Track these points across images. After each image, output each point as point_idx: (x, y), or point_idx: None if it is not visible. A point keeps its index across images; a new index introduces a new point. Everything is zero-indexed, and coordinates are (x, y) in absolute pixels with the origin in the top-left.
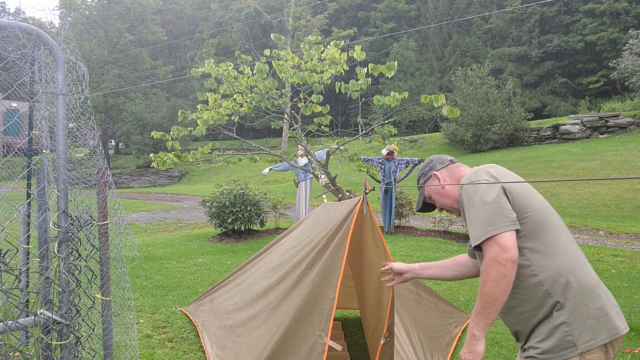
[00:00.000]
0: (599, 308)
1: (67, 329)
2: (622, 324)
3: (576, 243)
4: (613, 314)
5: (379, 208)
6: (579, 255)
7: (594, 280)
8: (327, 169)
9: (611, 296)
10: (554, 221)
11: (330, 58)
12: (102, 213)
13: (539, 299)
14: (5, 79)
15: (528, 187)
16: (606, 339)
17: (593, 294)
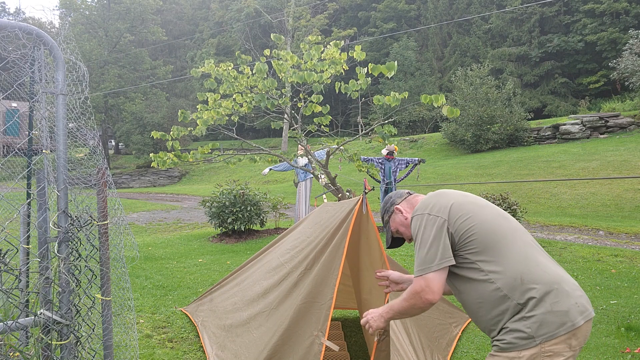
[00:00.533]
0: (556, 302)
1: (67, 329)
2: (581, 316)
3: (535, 244)
4: (571, 306)
5: (379, 208)
6: (535, 254)
7: (551, 275)
8: (327, 169)
9: (574, 287)
10: (504, 230)
11: (330, 58)
12: (102, 213)
13: (501, 304)
14: (5, 79)
15: (476, 204)
16: (562, 331)
17: (549, 290)
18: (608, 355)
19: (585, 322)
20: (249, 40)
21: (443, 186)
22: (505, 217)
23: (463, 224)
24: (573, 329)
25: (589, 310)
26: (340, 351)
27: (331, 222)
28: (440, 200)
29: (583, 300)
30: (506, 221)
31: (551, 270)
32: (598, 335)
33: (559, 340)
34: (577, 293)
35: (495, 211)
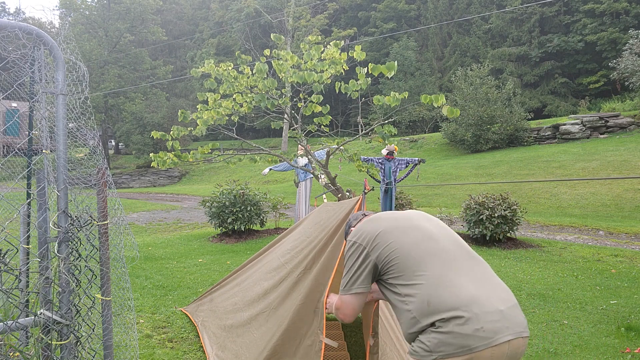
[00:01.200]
0: (459, 326)
1: (67, 329)
2: (484, 342)
3: (463, 262)
4: (474, 331)
5: (379, 208)
6: (453, 276)
7: (461, 299)
8: (327, 169)
9: (489, 309)
10: (423, 254)
11: (330, 58)
12: (102, 213)
13: (412, 326)
14: (5, 79)
15: (399, 229)
16: (459, 353)
17: (454, 315)
18: (608, 355)
19: (487, 348)
20: (249, 40)
21: (443, 186)
22: (434, 239)
23: (384, 250)
24: (470, 354)
25: (498, 334)
26: (341, 351)
27: (331, 222)
28: (369, 227)
29: (494, 326)
30: (432, 243)
31: (464, 292)
32: (598, 335)
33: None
34: (488, 318)
35: (423, 234)
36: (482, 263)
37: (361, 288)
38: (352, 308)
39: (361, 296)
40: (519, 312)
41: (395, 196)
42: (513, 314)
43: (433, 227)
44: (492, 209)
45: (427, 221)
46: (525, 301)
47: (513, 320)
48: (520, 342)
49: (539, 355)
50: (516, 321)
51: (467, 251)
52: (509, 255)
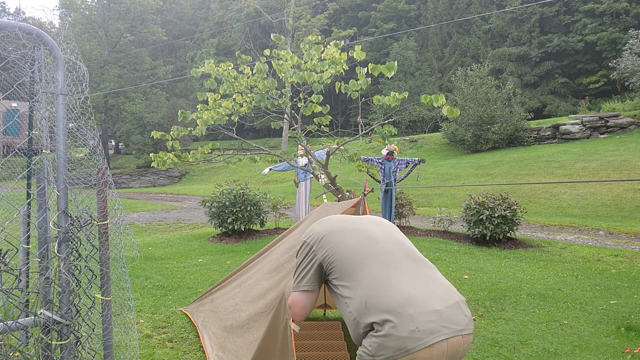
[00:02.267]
0: (394, 327)
1: (67, 329)
2: (419, 342)
3: (397, 264)
4: (410, 332)
5: (379, 208)
6: (391, 276)
7: (397, 300)
8: (327, 169)
9: (425, 309)
10: (362, 255)
11: (330, 58)
12: (102, 213)
13: (356, 327)
14: (5, 79)
15: (344, 231)
16: (398, 355)
17: (389, 317)
18: (608, 355)
19: (422, 348)
20: (249, 40)
21: (443, 186)
22: (375, 240)
23: (328, 251)
24: (406, 355)
25: (434, 334)
26: (341, 351)
27: None
28: (319, 227)
29: (429, 326)
30: (373, 244)
31: (400, 293)
32: (598, 335)
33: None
34: (423, 318)
35: (366, 236)
36: (426, 264)
37: (308, 286)
38: (302, 306)
39: (309, 294)
40: (458, 311)
41: (395, 196)
42: (452, 313)
43: (378, 230)
44: (492, 209)
45: (375, 225)
46: (525, 301)
47: (452, 319)
48: (460, 340)
49: (539, 355)
50: (455, 320)
51: (411, 253)
52: (509, 255)
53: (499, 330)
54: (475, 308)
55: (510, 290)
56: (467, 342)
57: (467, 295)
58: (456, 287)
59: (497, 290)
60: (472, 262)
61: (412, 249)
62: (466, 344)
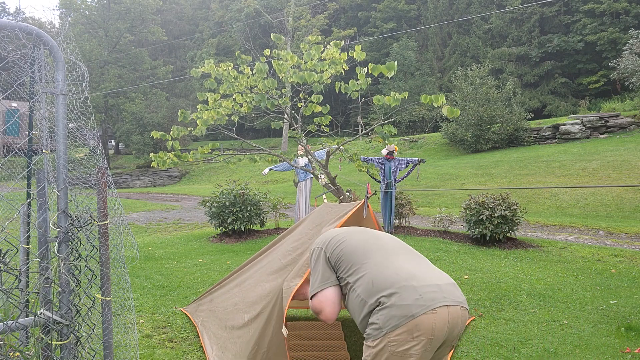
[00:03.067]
0: (400, 298)
1: (67, 329)
2: (421, 307)
3: (402, 252)
4: (414, 300)
5: (379, 208)
6: (394, 260)
7: (401, 276)
8: (327, 169)
9: (427, 282)
10: (367, 248)
11: (330, 58)
12: (102, 213)
13: (362, 309)
14: (5, 79)
15: (349, 233)
16: (402, 322)
17: (396, 289)
18: (608, 355)
19: (426, 312)
20: (249, 40)
21: (443, 186)
22: (377, 237)
23: (336, 248)
24: (411, 320)
25: (436, 301)
26: (341, 351)
27: (332, 224)
28: (325, 235)
29: (432, 295)
30: (376, 240)
31: (403, 270)
32: (598, 335)
33: (400, 330)
34: (425, 289)
35: (368, 235)
36: (423, 258)
37: (326, 282)
38: (331, 302)
39: (332, 290)
40: (455, 289)
41: (395, 196)
42: (450, 289)
43: (379, 232)
44: (492, 209)
45: (376, 231)
46: (525, 301)
47: (451, 293)
48: (459, 310)
49: (539, 355)
50: (454, 294)
51: (409, 249)
52: (509, 255)
53: (499, 330)
54: (475, 308)
55: (510, 290)
56: (465, 316)
57: (467, 295)
58: None
59: (497, 290)
60: (472, 262)
61: (409, 247)
62: (464, 317)
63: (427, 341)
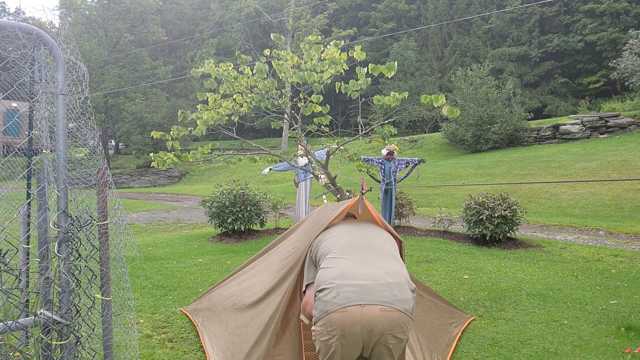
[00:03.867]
0: (326, 294)
1: (67, 329)
2: (336, 305)
3: (354, 252)
4: (333, 297)
5: (379, 208)
6: (340, 258)
7: (334, 274)
8: (327, 169)
9: (354, 281)
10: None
11: (330, 58)
12: (102, 213)
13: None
14: (5, 79)
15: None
16: (321, 316)
17: (327, 286)
18: (608, 355)
19: (337, 310)
20: (249, 40)
21: (443, 186)
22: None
23: (319, 251)
24: (325, 315)
25: (349, 300)
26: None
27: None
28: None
29: (347, 294)
30: (345, 237)
31: (338, 270)
32: (598, 335)
33: (320, 323)
34: (345, 288)
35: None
36: (385, 256)
37: (311, 279)
38: (310, 300)
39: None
40: (386, 289)
41: (395, 196)
42: (377, 289)
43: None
44: (492, 209)
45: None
46: (525, 301)
47: (375, 293)
48: (376, 310)
49: (539, 355)
50: (379, 294)
51: (375, 248)
52: (509, 255)
53: (499, 330)
54: (475, 308)
55: (510, 290)
56: (388, 316)
57: (467, 296)
58: (456, 287)
59: (497, 290)
60: (472, 262)
61: (379, 245)
62: (386, 317)
63: (340, 336)
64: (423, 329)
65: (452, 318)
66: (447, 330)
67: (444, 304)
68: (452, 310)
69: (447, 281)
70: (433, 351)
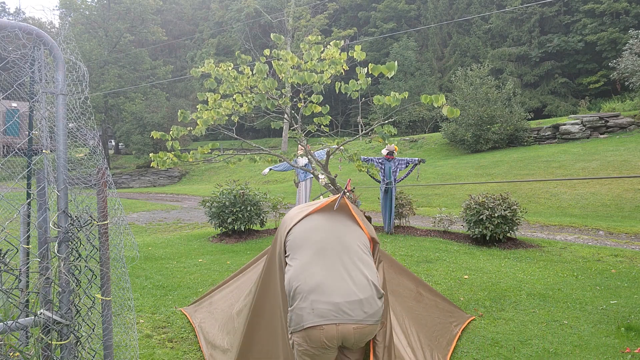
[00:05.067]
0: (298, 305)
1: (67, 329)
2: (314, 320)
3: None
4: (308, 310)
5: (379, 208)
6: (311, 264)
7: (309, 285)
8: (327, 169)
9: (327, 294)
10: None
11: (330, 58)
12: (102, 213)
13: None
14: (5, 79)
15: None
16: (297, 328)
17: (297, 294)
18: (608, 355)
19: (314, 327)
20: (249, 40)
21: (443, 186)
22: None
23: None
24: (302, 329)
25: (325, 318)
26: None
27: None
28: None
29: (323, 312)
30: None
31: (313, 280)
32: (598, 335)
33: (298, 335)
34: (320, 305)
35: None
36: (355, 261)
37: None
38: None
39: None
40: (357, 307)
41: (395, 196)
42: (350, 307)
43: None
44: (492, 209)
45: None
46: (525, 301)
47: (347, 312)
48: (350, 328)
49: (539, 355)
50: (351, 313)
51: (346, 253)
52: (509, 255)
53: (499, 330)
54: (475, 308)
55: (510, 290)
56: (360, 332)
57: (467, 296)
58: (456, 287)
59: (497, 290)
60: (472, 262)
61: (350, 245)
62: (358, 333)
63: (319, 347)
64: (424, 327)
65: (453, 317)
66: (448, 330)
67: (445, 303)
68: (452, 310)
69: (447, 281)
70: (434, 350)
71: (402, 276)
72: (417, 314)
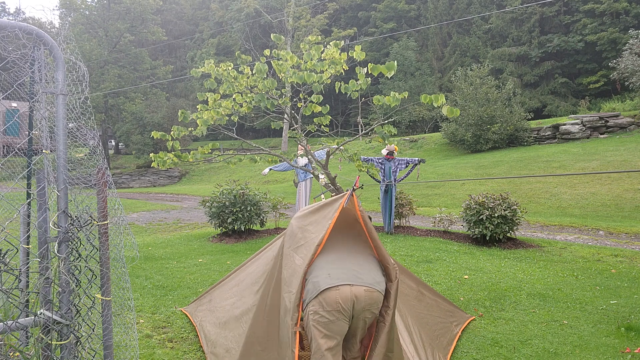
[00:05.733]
0: (317, 276)
1: (67, 329)
2: (328, 284)
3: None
4: (324, 277)
5: (379, 208)
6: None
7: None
8: (327, 169)
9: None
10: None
11: (330, 58)
12: (102, 213)
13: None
14: (5, 79)
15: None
16: (314, 294)
17: (316, 269)
18: (608, 355)
19: (330, 288)
20: (249, 40)
21: (443, 186)
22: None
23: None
24: (319, 292)
25: (341, 280)
26: None
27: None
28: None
29: (339, 275)
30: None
31: (327, 257)
32: (598, 335)
33: (314, 302)
34: (336, 270)
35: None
36: (364, 259)
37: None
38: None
39: None
40: (367, 275)
41: (395, 196)
42: (361, 274)
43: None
44: (492, 209)
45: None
46: (525, 301)
47: (359, 278)
48: (362, 290)
49: (539, 355)
50: (362, 278)
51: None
52: (509, 255)
53: (499, 330)
54: (475, 308)
55: (510, 290)
56: (370, 295)
57: (467, 296)
58: (456, 287)
59: (497, 290)
60: (472, 262)
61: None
62: (368, 296)
63: (336, 311)
64: (425, 327)
65: (453, 317)
66: (448, 329)
67: (445, 303)
68: (452, 309)
69: (447, 281)
70: (435, 349)
71: (404, 275)
72: (419, 312)
